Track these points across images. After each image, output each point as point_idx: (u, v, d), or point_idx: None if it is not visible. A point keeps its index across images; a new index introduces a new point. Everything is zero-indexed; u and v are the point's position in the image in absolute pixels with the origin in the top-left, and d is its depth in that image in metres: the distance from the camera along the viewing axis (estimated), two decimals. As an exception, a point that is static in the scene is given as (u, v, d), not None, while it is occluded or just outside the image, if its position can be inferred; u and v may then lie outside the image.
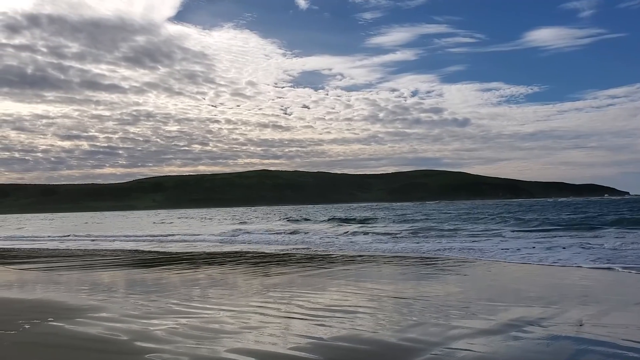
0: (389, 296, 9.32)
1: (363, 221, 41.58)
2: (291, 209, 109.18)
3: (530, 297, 8.93)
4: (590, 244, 17.56)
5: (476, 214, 48.97)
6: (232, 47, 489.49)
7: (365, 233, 28.08)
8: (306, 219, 50.94)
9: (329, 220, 46.37)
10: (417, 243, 21.39)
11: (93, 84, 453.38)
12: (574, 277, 11.33)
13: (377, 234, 27.51)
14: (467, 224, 32.95)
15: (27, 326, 7.17)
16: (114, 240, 30.58)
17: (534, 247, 16.80)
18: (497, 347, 5.83)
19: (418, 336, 6.33)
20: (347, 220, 43.56)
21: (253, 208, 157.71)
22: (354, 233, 28.65)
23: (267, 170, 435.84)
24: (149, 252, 21.06)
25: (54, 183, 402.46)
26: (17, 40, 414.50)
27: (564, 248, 16.43)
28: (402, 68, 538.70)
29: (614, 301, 8.59)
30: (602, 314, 7.46)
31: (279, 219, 53.83)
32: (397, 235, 25.49)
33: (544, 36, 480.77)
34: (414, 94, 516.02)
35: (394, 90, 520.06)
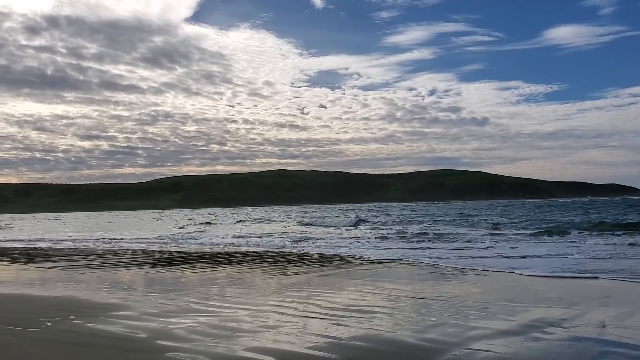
0: (407, 296, 9.27)
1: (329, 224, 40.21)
2: (297, 210, 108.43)
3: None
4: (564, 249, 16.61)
5: (472, 214, 47.84)
6: (249, 47, 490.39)
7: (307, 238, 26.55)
8: (272, 221, 50.49)
9: (298, 222, 45.71)
10: (330, 247, 20.49)
11: (112, 84, 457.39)
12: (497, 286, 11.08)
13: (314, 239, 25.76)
14: (442, 225, 32.15)
15: (49, 324, 7.27)
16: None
17: (493, 256, 15.40)
18: (518, 348, 5.76)
19: (437, 336, 6.28)
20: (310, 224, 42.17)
21: (265, 208, 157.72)
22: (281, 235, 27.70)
23: (285, 170, 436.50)
24: (168, 251, 21.24)
25: (75, 183, 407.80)
26: (37, 41, 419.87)
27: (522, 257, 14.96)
28: (420, 67, 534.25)
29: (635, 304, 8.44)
30: (625, 316, 7.34)
31: (246, 221, 53.10)
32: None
33: (564, 34, 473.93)
34: (432, 93, 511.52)
35: (411, 89, 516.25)
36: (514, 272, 12.01)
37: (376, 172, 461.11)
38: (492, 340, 6.09)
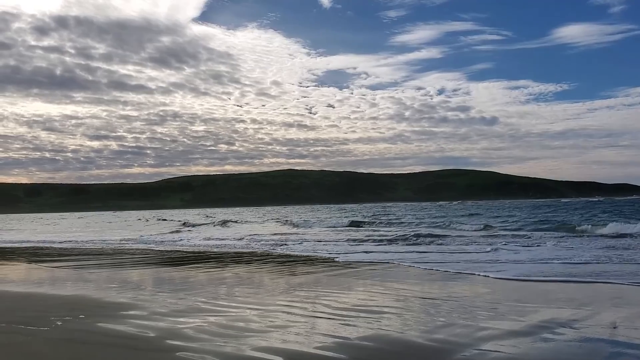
0: (416, 296, 9.24)
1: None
2: (302, 210, 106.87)
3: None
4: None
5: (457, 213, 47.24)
6: (257, 46, 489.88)
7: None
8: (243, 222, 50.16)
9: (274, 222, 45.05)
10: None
11: (120, 84, 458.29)
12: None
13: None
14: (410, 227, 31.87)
15: (59, 323, 7.32)
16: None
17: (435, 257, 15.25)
18: (528, 349, 5.72)
19: (446, 337, 6.25)
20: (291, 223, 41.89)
21: (273, 208, 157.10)
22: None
23: (293, 169, 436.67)
24: (178, 251, 21.32)
25: (84, 182, 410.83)
26: (46, 42, 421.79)
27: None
28: (428, 66, 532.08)
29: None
30: (636, 317, 7.27)
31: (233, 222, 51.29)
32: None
33: (573, 33, 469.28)
34: (441, 92, 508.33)
35: (419, 88, 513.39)
36: (475, 274, 11.89)
37: (385, 172, 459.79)
38: (501, 340, 6.05)
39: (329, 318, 7.44)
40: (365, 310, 7.90)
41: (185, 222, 51.41)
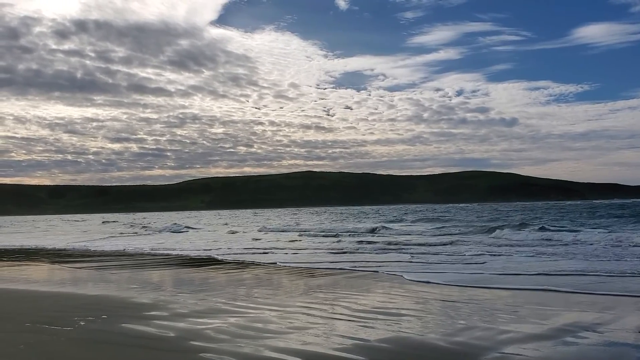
0: (436, 299, 9.18)
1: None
2: (311, 212, 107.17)
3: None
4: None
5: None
6: (274, 49, 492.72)
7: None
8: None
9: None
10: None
11: (140, 87, 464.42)
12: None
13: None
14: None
15: (82, 323, 7.41)
16: None
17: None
18: (551, 353, 5.64)
19: (467, 340, 6.19)
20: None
21: (290, 210, 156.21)
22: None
23: (312, 171, 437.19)
24: (196, 252, 21.45)
25: (106, 184, 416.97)
26: (67, 45, 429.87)
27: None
28: (446, 67, 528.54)
29: None
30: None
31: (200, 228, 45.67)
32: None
33: (594, 32, 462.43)
34: (459, 93, 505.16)
35: (438, 89, 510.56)
36: (400, 276, 12.12)
37: (403, 174, 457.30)
38: (523, 344, 5.97)
39: (348, 320, 7.41)
40: (385, 313, 7.86)
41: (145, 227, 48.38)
